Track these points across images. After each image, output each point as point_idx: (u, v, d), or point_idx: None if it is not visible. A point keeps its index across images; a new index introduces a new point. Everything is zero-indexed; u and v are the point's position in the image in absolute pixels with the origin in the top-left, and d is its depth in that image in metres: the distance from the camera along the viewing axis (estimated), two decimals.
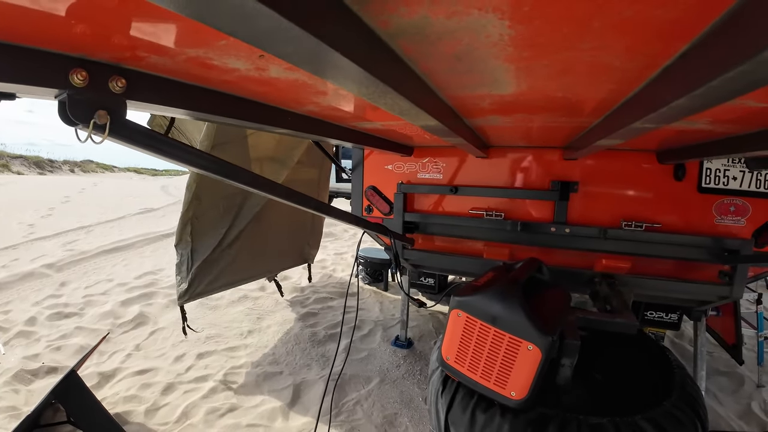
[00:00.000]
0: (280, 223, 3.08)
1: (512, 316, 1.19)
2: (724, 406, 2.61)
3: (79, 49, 0.65)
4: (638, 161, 2.06)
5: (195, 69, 0.76)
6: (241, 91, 0.96)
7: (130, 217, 8.92)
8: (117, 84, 0.72)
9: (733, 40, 0.45)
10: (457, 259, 2.49)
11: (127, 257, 5.47)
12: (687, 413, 1.25)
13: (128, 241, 6.20)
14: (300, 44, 0.42)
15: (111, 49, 0.65)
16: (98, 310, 3.58)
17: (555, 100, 0.96)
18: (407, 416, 2.35)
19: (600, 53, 0.61)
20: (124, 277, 4.50)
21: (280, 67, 0.74)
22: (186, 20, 0.52)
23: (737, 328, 2.81)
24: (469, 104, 1.04)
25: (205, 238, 2.54)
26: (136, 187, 15.79)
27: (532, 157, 2.22)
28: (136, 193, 13.72)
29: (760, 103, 0.85)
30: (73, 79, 0.66)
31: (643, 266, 2.14)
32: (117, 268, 4.97)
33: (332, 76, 0.57)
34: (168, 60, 0.71)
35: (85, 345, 2.95)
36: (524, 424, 1.16)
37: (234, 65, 0.73)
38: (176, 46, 0.64)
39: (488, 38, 0.55)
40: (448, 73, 0.75)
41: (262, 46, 0.45)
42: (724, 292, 2.02)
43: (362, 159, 2.62)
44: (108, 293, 4.01)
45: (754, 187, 1.96)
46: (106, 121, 0.70)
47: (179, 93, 0.85)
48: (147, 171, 24.87)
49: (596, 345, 1.66)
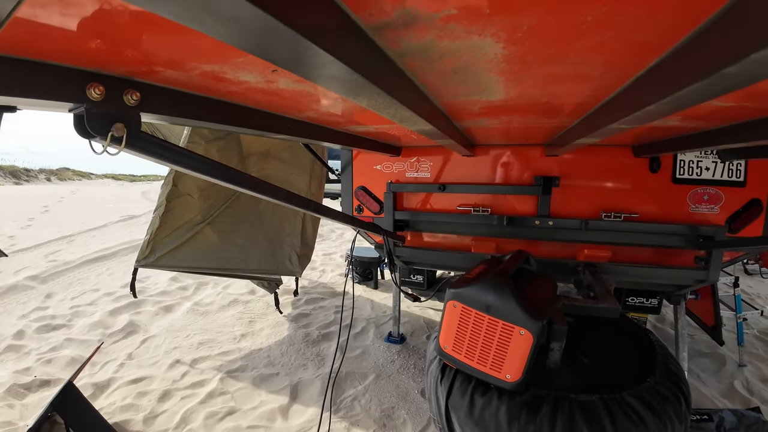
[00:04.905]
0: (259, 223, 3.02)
1: (504, 304, 1.27)
2: (708, 385, 2.73)
3: (96, 64, 0.69)
4: (615, 156, 2.17)
5: (206, 82, 0.81)
6: (245, 100, 1.01)
7: (112, 224, 8.72)
8: (132, 97, 0.76)
9: (695, 57, 0.53)
10: (446, 254, 2.57)
11: (112, 266, 5.38)
12: (670, 388, 1.35)
13: (112, 250, 6.10)
14: (329, 69, 0.48)
15: (128, 64, 0.69)
16: (87, 320, 3.53)
17: (539, 104, 1.04)
18: (404, 409, 2.41)
19: (581, 67, 0.69)
20: (110, 287, 4.45)
21: (289, 79, 0.79)
22: (208, 39, 0.57)
23: (716, 311, 2.95)
24: (460, 109, 1.11)
25: (180, 209, 2.57)
26: (116, 194, 15.41)
27: (516, 155, 2.31)
28: (116, 200, 13.40)
29: (725, 103, 0.95)
30: (91, 93, 0.70)
31: (624, 254, 2.26)
32: (102, 277, 4.89)
33: (347, 92, 0.63)
34: (182, 74, 0.75)
35: (76, 356, 2.92)
36: (520, 405, 1.24)
37: (245, 78, 0.78)
38: (194, 62, 0.69)
39: (484, 56, 0.62)
40: (444, 85, 0.82)
41: (291, 68, 0.50)
42: (700, 276, 2.15)
43: (351, 160, 2.67)
44: (95, 303, 3.96)
45: (726, 177, 2.07)
46: (123, 134, 0.74)
47: (188, 104, 0.89)
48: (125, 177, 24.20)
49: (582, 330, 1.76)
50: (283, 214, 3.19)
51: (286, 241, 3.23)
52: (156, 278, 4.68)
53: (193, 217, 2.64)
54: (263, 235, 3.04)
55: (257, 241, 2.99)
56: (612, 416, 1.21)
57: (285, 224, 3.21)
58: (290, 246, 3.26)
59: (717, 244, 2.01)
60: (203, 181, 2.64)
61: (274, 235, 3.12)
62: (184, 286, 4.46)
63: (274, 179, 2.89)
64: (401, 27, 0.51)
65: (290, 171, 3.08)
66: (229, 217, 2.82)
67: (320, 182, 3.59)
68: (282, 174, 3.02)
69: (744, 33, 0.44)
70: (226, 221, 2.80)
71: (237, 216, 2.87)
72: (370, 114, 1.27)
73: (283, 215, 3.19)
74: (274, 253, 3.12)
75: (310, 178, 3.32)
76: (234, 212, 2.84)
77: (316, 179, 3.49)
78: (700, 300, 3.16)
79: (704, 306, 3.13)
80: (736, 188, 2.07)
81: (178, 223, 2.59)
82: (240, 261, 2.92)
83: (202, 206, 2.66)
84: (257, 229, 3.02)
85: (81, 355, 2.93)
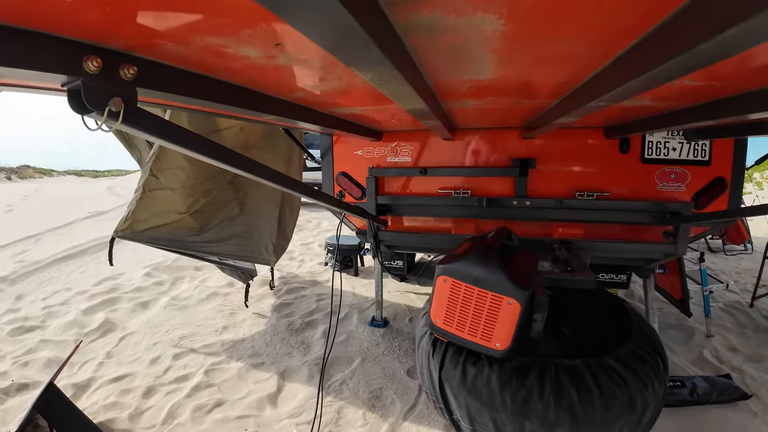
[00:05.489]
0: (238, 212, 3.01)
1: (493, 276, 1.33)
2: (678, 355, 2.88)
3: (94, 36, 0.67)
4: (588, 137, 2.27)
5: (205, 57, 0.80)
6: (239, 78, 1.00)
7: (79, 222, 8.32)
8: (129, 71, 0.74)
9: (672, 36, 0.59)
10: (428, 236, 2.63)
11: (83, 264, 5.17)
12: (648, 351, 1.45)
13: (81, 247, 5.84)
14: (343, 32, 0.49)
15: (128, 36, 0.68)
16: (61, 320, 3.40)
17: (523, 84, 1.09)
18: (392, 389, 2.47)
19: (569, 46, 0.73)
20: (82, 285, 4.27)
21: (289, 55, 0.80)
22: (221, 8, 0.57)
23: (683, 284, 3.13)
24: (450, 88, 1.14)
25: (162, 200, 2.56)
26: (80, 191, 14.65)
27: (494, 138, 2.38)
28: (81, 197, 12.73)
29: (695, 82, 1.03)
30: (88, 66, 0.68)
31: (597, 231, 2.38)
32: (74, 276, 4.69)
33: (355, 61, 0.65)
34: (183, 48, 0.74)
35: (53, 358, 2.81)
36: (510, 372, 1.31)
37: (246, 53, 0.78)
38: (199, 35, 0.68)
39: (484, 33, 0.66)
40: (440, 61, 0.84)
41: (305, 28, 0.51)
42: (669, 250, 2.29)
43: (331, 146, 2.67)
44: (68, 303, 3.80)
45: (692, 156, 2.20)
46: (120, 109, 0.72)
47: (182, 80, 0.88)
48: (88, 173, 22.90)
49: (561, 302, 1.86)
50: (262, 205, 3.18)
51: (263, 230, 3.22)
52: (130, 274, 4.54)
53: (174, 209, 2.60)
54: (241, 223, 3.04)
55: (235, 228, 2.98)
56: (596, 378, 1.30)
57: (263, 214, 3.21)
58: (267, 235, 3.27)
59: (684, 219, 2.13)
60: (186, 179, 2.58)
61: (252, 224, 3.12)
62: (160, 281, 4.34)
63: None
64: (412, 2, 0.53)
65: (270, 161, 3.06)
66: (210, 206, 2.79)
67: (299, 172, 3.58)
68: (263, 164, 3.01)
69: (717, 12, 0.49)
70: (207, 209, 2.78)
71: (217, 204, 2.84)
72: (357, 94, 1.29)
73: (262, 206, 3.17)
74: (250, 240, 3.12)
75: (289, 166, 3.31)
76: (214, 201, 2.81)
77: (295, 168, 3.48)
78: (667, 275, 3.33)
79: (672, 280, 3.31)
80: (701, 167, 2.19)
81: (158, 210, 2.54)
82: (216, 245, 2.92)
83: (185, 201, 2.62)
84: (236, 217, 3.01)
85: (58, 356, 2.83)
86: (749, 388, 2.47)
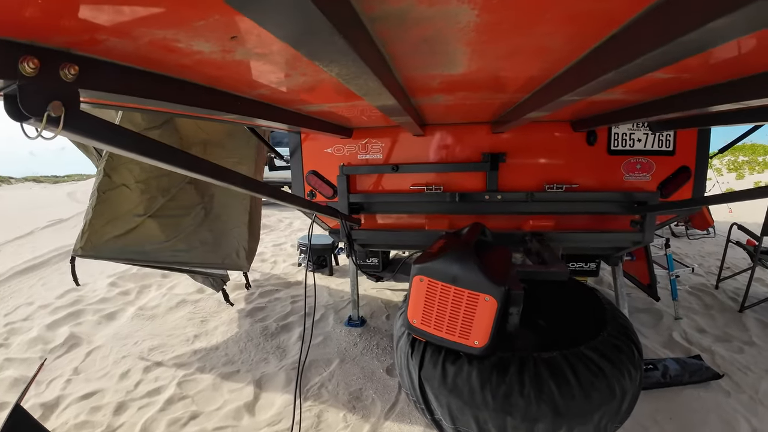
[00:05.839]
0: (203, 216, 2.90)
1: (469, 274, 1.32)
2: (649, 338, 2.99)
3: (30, 34, 0.60)
4: (556, 131, 2.30)
5: (154, 53, 0.73)
6: (194, 75, 0.93)
7: (39, 231, 7.87)
8: (69, 71, 0.67)
9: (651, 29, 0.57)
10: (402, 233, 2.61)
11: (45, 276, 4.89)
12: (623, 340, 1.48)
13: (43, 258, 5.53)
14: (304, 22, 0.45)
15: (67, 32, 0.61)
16: (24, 337, 3.21)
17: (494, 79, 1.07)
18: (372, 389, 2.45)
19: (544, 38, 0.71)
20: (45, 298, 4.04)
21: (247, 50, 0.74)
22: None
23: (650, 270, 3.24)
24: (420, 84, 1.11)
25: (116, 200, 2.42)
26: (40, 198, 13.91)
27: (465, 133, 2.38)
28: (41, 204, 12.07)
29: (666, 75, 1.04)
30: (24, 68, 0.61)
31: (567, 222, 2.42)
32: (35, 288, 4.43)
33: (319, 56, 0.60)
34: (128, 43, 0.67)
35: (19, 377, 2.65)
36: (489, 368, 1.31)
37: (199, 48, 0.72)
38: (145, 27, 0.62)
39: (457, 24, 0.62)
40: (410, 55, 0.81)
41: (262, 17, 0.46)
42: (637, 238, 2.35)
43: (300, 144, 2.59)
44: (31, 318, 3.59)
45: (657, 147, 2.26)
46: (60, 113, 0.65)
47: (130, 79, 0.81)
48: (47, 179, 21.65)
49: (536, 295, 1.88)
50: (230, 207, 3.06)
51: (233, 233, 3.11)
52: (94, 284, 4.31)
53: (132, 209, 2.45)
54: (208, 229, 2.92)
55: (202, 234, 2.86)
56: (574, 369, 1.31)
57: (231, 217, 3.09)
58: (237, 239, 3.14)
59: (650, 208, 2.19)
60: (140, 172, 2.45)
61: (220, 228, 3.00)
62: (125, 291, 4.15)
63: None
64: None
65: (233, 160, 2.94)
66: (173, 210, 2.66)
67: (261, 171, 3.48)
68: (225, 164, 2.87)
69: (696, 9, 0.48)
70: (170, 214, 2.64)
71: (181, 209, 2.71)
72: (324, 91, 1.24)
73: (229, 208, 3.06)
74: (219, 246, 3.00)
75: (255, 167, 3.20)
76: (177, 205, 2.68)
77: (259, 169, 3.38)
78: (635, 261, 3.44)
79: (639, 266, 3.42)
80: (666, 157, 2.26)
81: (115, 214, 2.40)
82: (184, 254, 2.79)
83: (141, 198, 2.48)
84: (201, 222, 2.88)
85: (24, 375, 2.67)
86: (720, 367, 2.58)
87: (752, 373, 2.55)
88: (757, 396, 2.34)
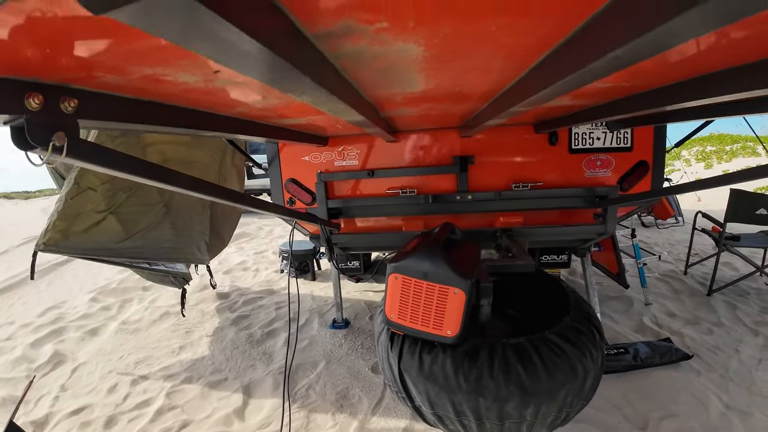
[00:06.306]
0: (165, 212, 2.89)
1: (439, 270, 1.44)
2: (620, 323, 3.14)
3: (32, 73, 0.68)
4: (520, 133, 2.45)
5: (144, 85, 0.82)
6: (178, 100, 1.02)
7: (13, 249, 7.64)
8: (69, 104, 0.75)
9: (574, 52, 0.70)
10: (380, 236, 2.72)
11: (23, 294, 4.81)
12: (584, 324, 1.61)
13: (19, 277, 5.40)
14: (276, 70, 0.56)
15: (66, 70, 0.69)
16: (8, 357, 3.18)
17: (452, 93, 1.19)
18: (358, 387, 2.54)
19: (487, 62, 0.84)
20: (25, 317, 3.99)
21: (228, 79, 0.84)
22: (153, 40, 0.60)
23: (618, 259, 3.38)
24: (384, 100, 1.23)
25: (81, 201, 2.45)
26: (12, 214, 13.34)
27: (435, 138, 2.51)
28: (13, 221, 11.57)
29: (605, 84, 1.17)
30: (30, 104, 0.69)
31: (534, 218, 2.58)
32: (15, 308, 4.36)
33: (292, 90, 0.71)
34: (121, 78, 0.76)
35: (6, 396, 2.64)
36: (462, 355, 1.43)
37: (184, 79, 0.81)
38: (136, 65, 0.71)
39: (408, 57, 0.74)
40: (373, 80, 0.92)
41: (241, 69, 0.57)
42: (600, 230, 2.51)
43: (277, 153, 2.67)
44: (13, 337, 3.55)
45: (615, 144, 2.41)
46: (63, 143, 0.74)
47: (122, 108, 0.89)
48: (18, 195, 20.71)
49: (506, 286, 2.02)
50: (192, 204, 3.10)
51: (195, 230, 3.15)
52: (74, 301, 4.27)
53: (94, 207, 2.48)
54: (169, 224, 2.92)
55: (163, 230, 2.87)
56: (539, 352, 1.44)
57: (192, 214, 3.12)
58: (199, 235, 3.19)
59: (611, 201, 2.34)
60: (105, 174, 2.47)
61: (182, 224, 3.02)
62: (107, 306, 4.12)
63: (175, 161, 2.80)
64: (341, 36, 0.60)
65: (190, 151, 2.96)
66: (133, 207, 2.67)
67: (241, 176, 3.51)
68: (181, 154, 2.89)
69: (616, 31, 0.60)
70: (130, 210, 2.66)
71: (141, 205, 2.73)
72: (298, 107, 1.34)
73: (191, 205, 3.09)
74: (181, 241, 3.02)
75: (220, 165, 3.22)
76: (138, 201, 2.69)
77: (237, 174, 3.40)
78: (603, 251, 3.60)
79: (608, 256, 3.56)
80: (625, 153, 2.41)
81: (78, 212, 2.42)
82: (145, 250, 2.80)
83: (104, 196, 2.51)
84: (163, 218, 2.89)
85: (11, 395, 2.67)
86: (689, 349, 2.71)
87: (722, 353, 2.68)
88: (728, 374, 2.45)
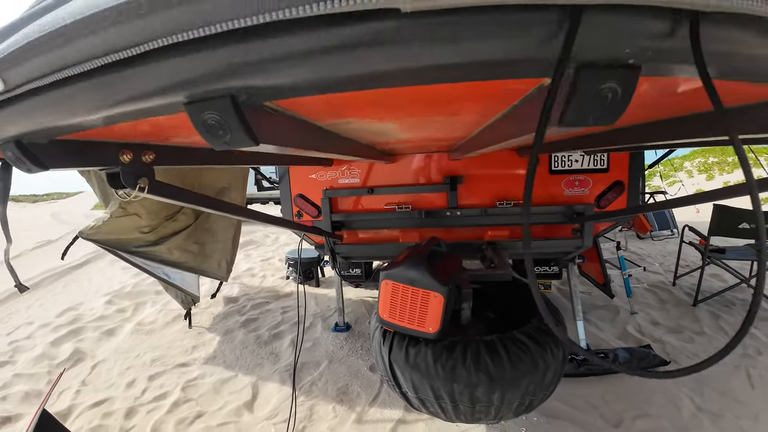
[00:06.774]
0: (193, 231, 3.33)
1: (422, 277, 1.73)
2: (604, 331, 3.36)
3: (126, 138, 0.99)
4: (504, 156, 2.73)
5: (196, 142, 1.13)
6: None
7: (27, 253, 7.93)
8: (148, 157, 1.06)
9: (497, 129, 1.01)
10: (379, 246, 3.02)
11: (40, 297, 5.09)
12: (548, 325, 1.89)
13: (35, 280, 5.70)
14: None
15: (148, 136, 1.01)
16: (29, 354, 3.44)
17: (431, 137, 1.51)
18: (357, 384, 2.81)
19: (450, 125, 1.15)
20: (44, 318, 4.27)
21: None
22: None
23: (603, 271, 3.61)
24: (378, 143, 1.54)
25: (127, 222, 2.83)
26: (22, 218, 13.54)
27: (428, 160, 2.82)
28: (24, 226, 11.74)
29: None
30: (123, 158, 1.00)
31: (517, 232, 2.87)
32: (33, 309, 4.64)
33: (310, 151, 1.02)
34: (181, 138, 1.08)
35: (30, 390, 2.90)
36: (440, 349, 1.72)
37: None
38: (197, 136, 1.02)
39: (388, 128, 1.05)
40: (365, 136, 1.23)
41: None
42: (578, 244, 2.76)
43: (287, 171, 2.99)
44: (33, 336, 3.82)
45: (592, 165, 2.66)
46: (146, 185, 1.05)
47: (182, 155, 1.21)
48: (26, 198, 21.07)
49: (486, 293, 2.31)
50: (221, 222, 3.46)
51: (218, 246, 3.52)
52: (90, 303, 4.56)
53: (139, 227, 2.82)
54: (194, 240, 3.32)
55: (187, 242, 3.26)
56: (506, 348, 1.73)
57: (220, 231, 3.51)
58: (221, 252, 3.55)
59: (587, 218, 2.60)
60: (151, 204, 2.81)
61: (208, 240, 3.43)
62: (122, 308, 4.41)
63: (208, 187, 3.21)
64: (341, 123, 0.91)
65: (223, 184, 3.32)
66: (170, 228, 3.04)
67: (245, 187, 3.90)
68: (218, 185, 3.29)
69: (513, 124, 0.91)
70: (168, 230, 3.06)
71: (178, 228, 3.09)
72: None
73: (221, 223, 3.45)
74: (204, 255, 3.40)
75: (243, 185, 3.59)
76: (176, 225, 3.05)
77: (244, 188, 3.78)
78: (591, 263, 3.80)
79: (595, 267, 3.78)
80: (601, 174, 2.66)
81: (123, 227, 2.79)
82: (167, 255, 3.16)
83: (149, 223, 2.86)
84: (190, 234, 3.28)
85: (34, 389, 2.92)
86: (669, 355, 2.90)
87: (700, 360, 2.91)
88: (703, 379, 2.59)
